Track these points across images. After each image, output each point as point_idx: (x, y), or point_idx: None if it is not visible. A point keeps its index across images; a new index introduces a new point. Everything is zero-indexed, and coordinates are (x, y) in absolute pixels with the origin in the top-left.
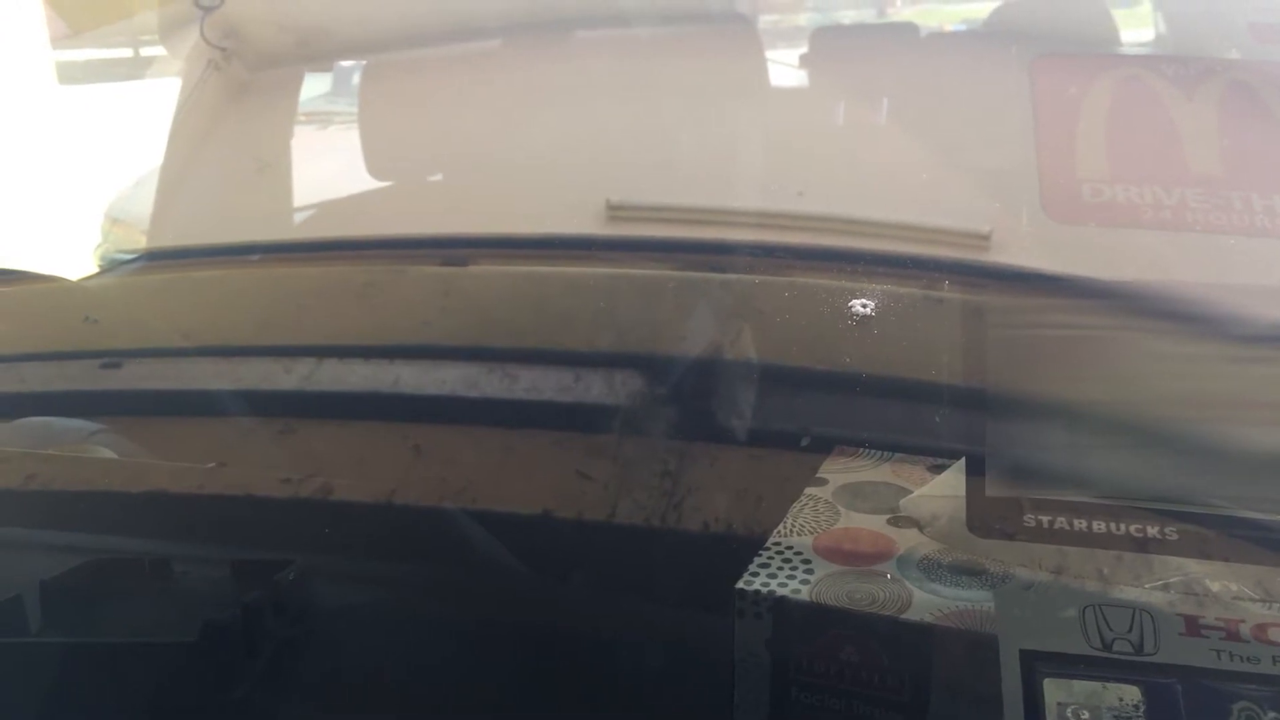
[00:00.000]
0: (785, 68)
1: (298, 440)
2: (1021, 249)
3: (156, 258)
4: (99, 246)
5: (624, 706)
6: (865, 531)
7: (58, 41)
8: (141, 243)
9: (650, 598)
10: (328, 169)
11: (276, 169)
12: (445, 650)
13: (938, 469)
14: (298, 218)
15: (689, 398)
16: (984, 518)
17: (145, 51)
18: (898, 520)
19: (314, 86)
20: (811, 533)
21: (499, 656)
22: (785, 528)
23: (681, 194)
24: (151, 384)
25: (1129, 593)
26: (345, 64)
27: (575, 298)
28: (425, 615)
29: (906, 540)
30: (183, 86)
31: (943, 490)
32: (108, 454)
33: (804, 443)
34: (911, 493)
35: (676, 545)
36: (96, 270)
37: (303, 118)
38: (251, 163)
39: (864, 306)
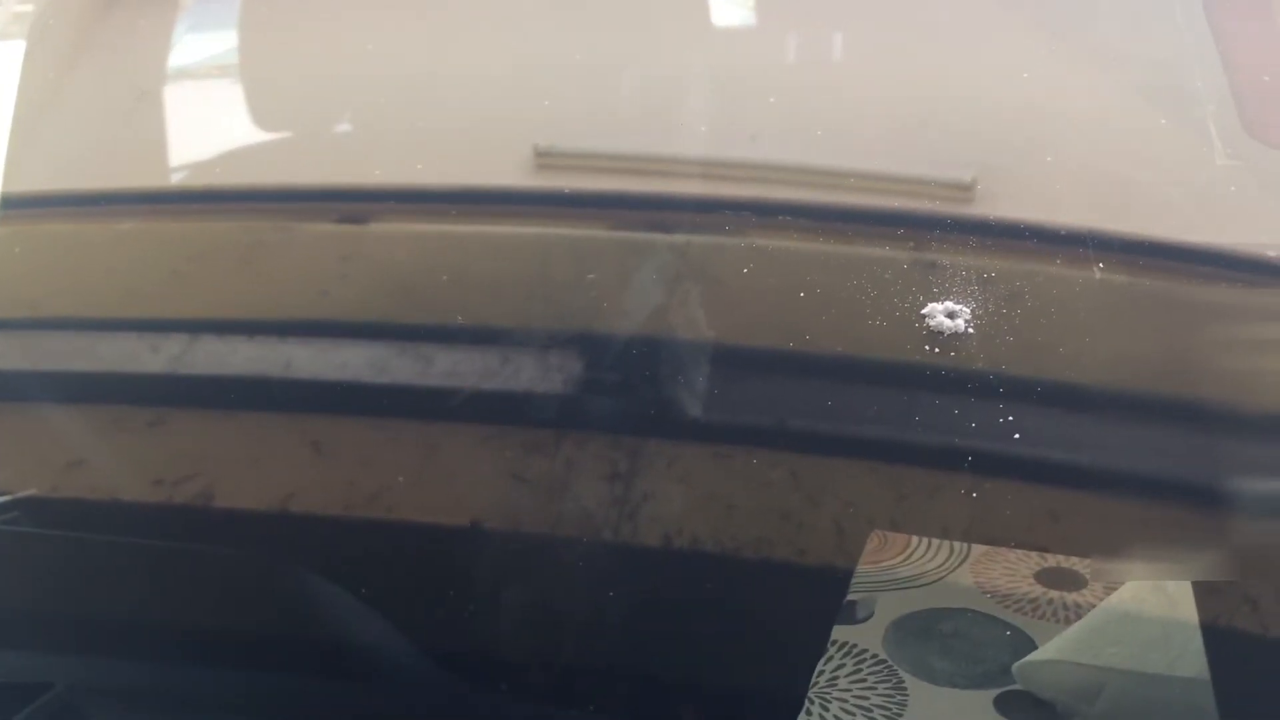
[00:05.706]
0: None
1: (170, 434)
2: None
3: (10, 206)
4: None
5: None
6: None
7: None
8: None
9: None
10: (215, 100)
11: (156, 99)
12: None
13: (1059, 567)
14: (176, 160)
15: (640, 384)
16: None
17: None
18: (1010, 701)
19: None
20: None
21: None
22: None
23: (617, 139)
24: None
25: None
26: None
27: (499, 262)
28: None
29: None
30: None
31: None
32: None
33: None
34: (1030, 650)
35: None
36: None
37: (188, 36)
38: (127, 91)
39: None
